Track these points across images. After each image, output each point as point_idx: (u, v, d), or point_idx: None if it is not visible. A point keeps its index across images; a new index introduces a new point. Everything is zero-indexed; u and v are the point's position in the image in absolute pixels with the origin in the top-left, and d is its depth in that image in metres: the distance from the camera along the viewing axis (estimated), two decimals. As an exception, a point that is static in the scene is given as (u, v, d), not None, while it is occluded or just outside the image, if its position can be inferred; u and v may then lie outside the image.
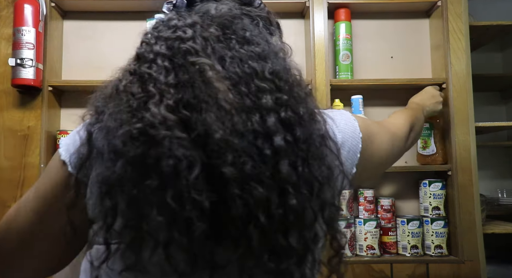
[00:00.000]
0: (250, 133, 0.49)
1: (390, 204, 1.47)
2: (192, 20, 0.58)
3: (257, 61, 0.55)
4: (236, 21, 0.59)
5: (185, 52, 0.53)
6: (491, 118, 1.72)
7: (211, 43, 0.55)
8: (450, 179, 1.45)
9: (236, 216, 0.47)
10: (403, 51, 1.63)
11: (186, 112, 0.49)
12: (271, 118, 0.50)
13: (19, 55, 1.39)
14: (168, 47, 0.55)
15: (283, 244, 0.49)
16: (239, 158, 0.47)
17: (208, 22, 0.58)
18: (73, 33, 1.61)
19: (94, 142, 0.55)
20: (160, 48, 0.55)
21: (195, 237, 0.47)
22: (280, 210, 0.48)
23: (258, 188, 0.47)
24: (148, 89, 0.51)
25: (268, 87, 0.53)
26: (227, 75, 0.52)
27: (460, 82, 1.46)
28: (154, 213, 0.47)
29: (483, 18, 1.78)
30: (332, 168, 0.56)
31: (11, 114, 1.45)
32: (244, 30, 0.58)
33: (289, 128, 0.51)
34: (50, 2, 1.50)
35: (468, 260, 1.39)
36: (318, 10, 1.49)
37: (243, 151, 0.48)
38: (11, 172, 1.42)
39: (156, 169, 0.47)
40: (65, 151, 0.59)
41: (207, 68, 0.51)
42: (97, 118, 0.56)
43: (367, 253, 1.43)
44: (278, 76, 0.54)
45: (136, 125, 0.49)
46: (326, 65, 1.47)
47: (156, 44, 0.56)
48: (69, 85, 1.51)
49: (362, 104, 1.48)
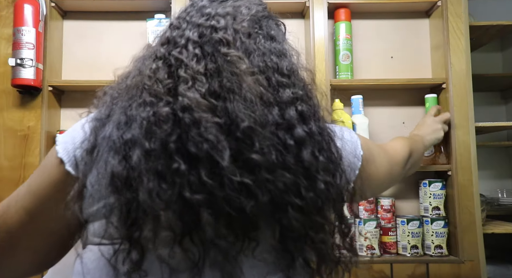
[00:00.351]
0: (271, 124, 0.52)
1: (390, 204, 1.47)
2: (225, 11, 0.59)
3: (278, 57, 0.58)
4: (265, 20, 0.63)
5: (216, 42, 0.55)
6: (491, 118, 1.72)
7: (241, 36, 0.57)
8: (450, 179, 1.45)
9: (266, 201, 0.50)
10: (403, 51, 1.62)
11: (213, 100, 0.51)
12: (290, 111, 0.54)
13: (19, 55, 1.39)
14: (200, 34, 0.56)
15: (319, 222, 0.54)
16: (265, 147, 0.50)
17: (240, 16, 0.60)
18: (73, 33, 1.61)
19: (100, 136, 0.54)
20: (192, 34, 0.56)
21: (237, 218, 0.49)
22: (311, 194, 0.52)
23: (286, 174, 0.51)
24: (179, 75, 0.53)
25: (286, 82, 0.56)
26: (252, 69, 0.55)
27: (460, 82, 1.46)
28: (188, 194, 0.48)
29: (483, 18, 1.79)
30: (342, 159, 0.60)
31: (11, 114, 1.45)
32: (270, 28, 0.62)
33: (305, 121, 0.55)
34: (50, 2, 1.50)
35: (468, 260, 1.39)
36: (318, 10, 1.49)
37: (268, 141, 0.51)
38: (11, 172, 1.42)
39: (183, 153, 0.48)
40: (62, 149, 0.57)
41: (240, 61, 0.54)
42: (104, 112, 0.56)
43: (367, 253, 1.43)
44: (294, 73, 0.58)
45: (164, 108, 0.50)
46: (326, 65, 1.47)
47: (188, 29, 0.57)
48: (69, 85, 1.51)
49: (362, 104, 1.48)
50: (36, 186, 0.59)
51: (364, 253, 1.43)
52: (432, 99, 1.50)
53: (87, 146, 0.55)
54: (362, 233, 1.43)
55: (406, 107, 1.57)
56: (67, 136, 0.59)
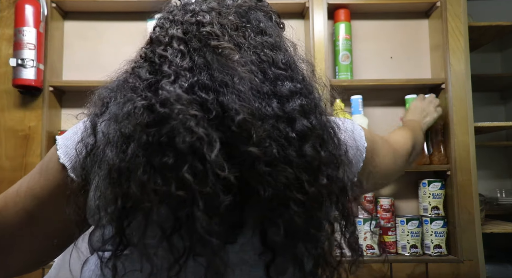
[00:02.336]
0: (271, 117, 0.51)
1: (390, 204, 1.48)
2: (209, 6, 0.58)
3: (271, 50, 0.56)
4: (251, 12, 0.61)
5: (204, 36, 0.54)
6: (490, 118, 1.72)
7: (228, 30, 0.56)
8: (449, 179, 1.45)
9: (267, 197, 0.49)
10: (402, 51, 1.63)
11: (202, 94, 0.50)
12: (290, 104, 0.53)
13: (20, 56, 1.39)
14: (185, 31, 0.55)
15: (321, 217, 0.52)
16: (264, 140, 0.49)
17: (225, 10, 0.58)
18: (73, 34, 1.62)
19: (100, 132, 0.54)
20: (176, 32, 0.55)
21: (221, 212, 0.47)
22: (313, 188, 0.51)
23: (287, 169, 0.49)
24: (162, 70, 0.52)
25: (284, 74, 0.55)
26: (245, 60, 0.53)
27: (459, 82, 1.46)
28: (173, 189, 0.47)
29: (482, 19, 1.79)
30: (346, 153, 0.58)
31: (12, 114, 1.46)
32: (258, 21, 0.60)
33: (306, 114, 0.53)
34: (51, 2, 1.50)
35: (467, 260, 1.39)
36: (318, 10, 1.50)
37: (268, 134, 0.49)
38: (12, 172, 1.43)
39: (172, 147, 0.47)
40: (63, 154, 0.57)
41: (232, 52, 0.52)
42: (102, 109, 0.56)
43: (366, 253, 1.43)
44: (290, 66, 0.56)
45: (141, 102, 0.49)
46: (326, 66, 1.47)
47: (172, 27, 0.56)
48: (69, 85, 1.51)
49: (361, 104, 1.49)
50: (39, 189, 0.59)
51: (363, 253, 1.44)
52: (412, 100, 1.49)
53: (87, 147, 0.55)
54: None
55: (405, 107, 1.57)
56: (68, 140, 0.59)
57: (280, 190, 0.49)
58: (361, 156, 0.65)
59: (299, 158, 0.51)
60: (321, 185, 0.52)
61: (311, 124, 0.53)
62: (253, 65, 0.53)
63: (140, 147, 0.48)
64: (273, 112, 0.51)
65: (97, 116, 0.56)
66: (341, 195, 0.55)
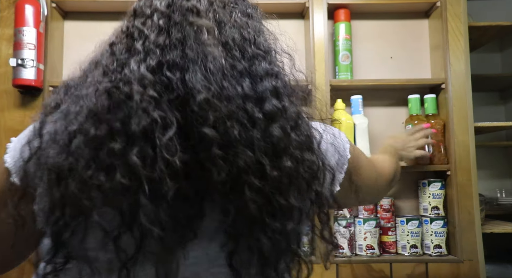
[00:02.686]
0: (239, 97, 0.48)
1: (390, 204, 1.48)
2: None
3: (255, 32, 0.55)
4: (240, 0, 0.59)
5: (186, 10, 0.52)
6: (490, 118, 1.72)
7: (215, 7, 0.54)
8: (449, 179, 1.45)
9: (222, 180, 0.46)
10: (402, 51, 1.63)
11: (169, 74, 0.48)
12: (263, 84, 0.51)
13: (20, 56, 1.39)
14: (169, 3, 0.53)
15: (283, 204, 0.48)
16: (224, 122, 0.46)
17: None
18: (74, 34, 1.62)
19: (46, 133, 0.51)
20: (160, 4, 0.53)
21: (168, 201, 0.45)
22: (275, 172, 0.48)
23: (247, 152, 0.46)
24: (135, 47, 0.50)
25: (263, 55, 0.53)
26: (223, 40, 0.52)
27: (459, 82, 1.47)
28: (118, 176, 0.44)
29: (482, 19, 1.79)
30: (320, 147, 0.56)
31: (12, 114, 1.46)
32: (246, 7, 0.59)
33: (278, 97, 0.51)
34: (51, 2, 1.50)
35: (467, 260, 1.39)
36: (318, 10, 1.50)
37: (230, 115, 0.47)
38: (12, 172, 1.42)
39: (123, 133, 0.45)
40: (10, 157, 0.55)
41: (204, 30, 0.51)
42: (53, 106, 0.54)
43: (366, 253, 1.43)
44: (270, 52, 0.55)
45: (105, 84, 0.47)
46: (326, 66, 1.47)
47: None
48: (69, 85, 1.51)
49: (361, 104, 1.49)
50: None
51: (363, 253, 1.44)
52: (414, 100, 1.49)
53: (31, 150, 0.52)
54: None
55: (405, 107, 1.57)
56: (17, 142, 0.57)
57: (234, 174, 0.46)
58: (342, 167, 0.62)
59: (263, 140, 0.48)
60: (286, 168, 0.48)
61: (283, 106, 0.50)
62: (231, 44, 0.52)
63: (86, 139, 0.46)
64: (242, 91, 0.49)
65: (47, 115, 0.54)
66: (313, 182, 0.52)
